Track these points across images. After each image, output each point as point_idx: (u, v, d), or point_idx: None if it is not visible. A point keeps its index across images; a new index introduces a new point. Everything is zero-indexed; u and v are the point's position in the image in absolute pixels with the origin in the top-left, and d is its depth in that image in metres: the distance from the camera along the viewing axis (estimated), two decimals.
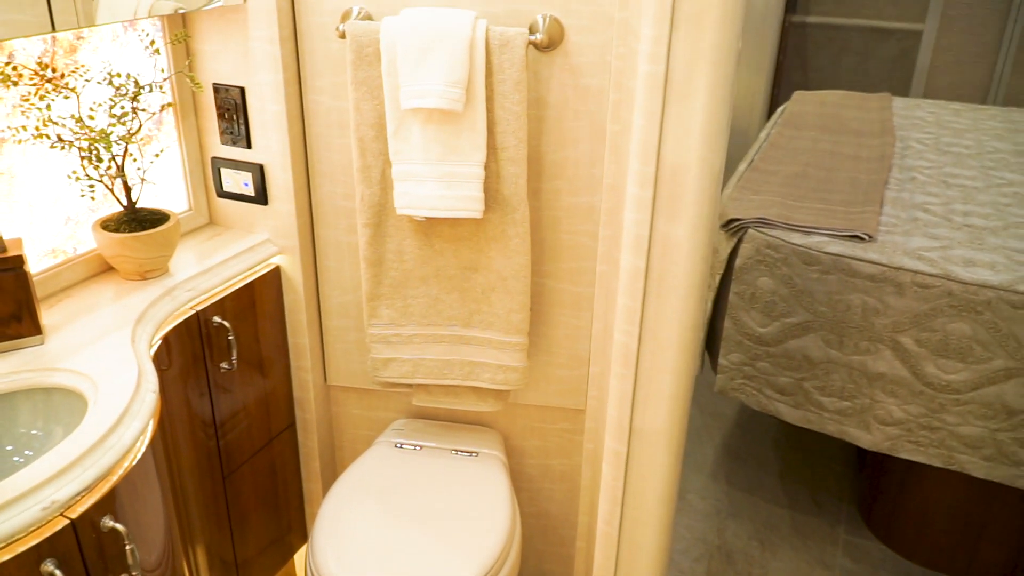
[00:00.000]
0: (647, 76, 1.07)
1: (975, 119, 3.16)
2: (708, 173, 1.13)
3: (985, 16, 3.84)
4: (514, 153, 1.47)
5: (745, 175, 2.39)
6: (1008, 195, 2.31)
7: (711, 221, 1.16)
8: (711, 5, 1.02)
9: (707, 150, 1.10)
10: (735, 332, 2.05)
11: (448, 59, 1.39)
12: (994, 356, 1.77)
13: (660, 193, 1.14)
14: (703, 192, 1.12)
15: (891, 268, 1.84)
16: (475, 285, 1.62)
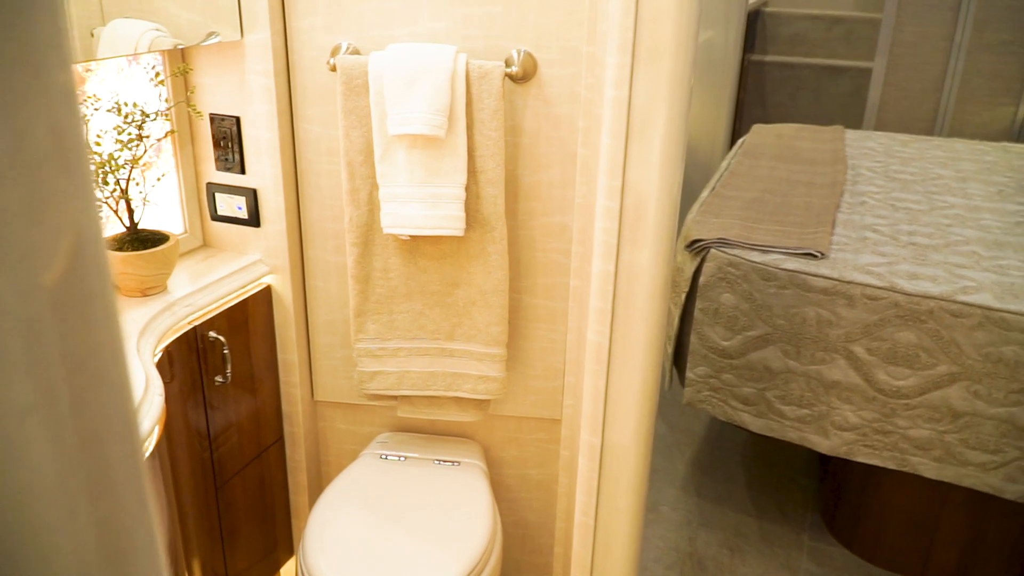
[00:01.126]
0: (613, 100, 1.20)
1: (921, 149, 3.36)
2: (670, 184, 1.26)
3: (929, 55, 4.09)
4: (492, 176, 1.60)
5: (707, 200, 2.54)
6: (950, 216, 2.48)
7: (672, 221, 1.28)
8: (667, 41, 1.16)
9: (668, 164, 1.23)
10: (700, 346, 2.17)
11: (432, 90, 1.52)
12: (938, 362, 1.91)
13: (626, 205, 1.27)
14: (664, 199, 1.25)
15: (842, 282, 1.99)
16: (457, 300, 1.72)
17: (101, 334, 0.28)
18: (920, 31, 4.07)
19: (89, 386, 0.28)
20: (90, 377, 0.28)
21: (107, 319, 0.28)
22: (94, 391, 0.28)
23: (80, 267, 0.27)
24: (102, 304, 0.28)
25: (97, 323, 0.28)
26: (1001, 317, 1.86)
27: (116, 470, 0.30)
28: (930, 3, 4.01)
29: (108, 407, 0.29)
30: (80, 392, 0.27)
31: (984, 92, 4.06)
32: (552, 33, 1.54)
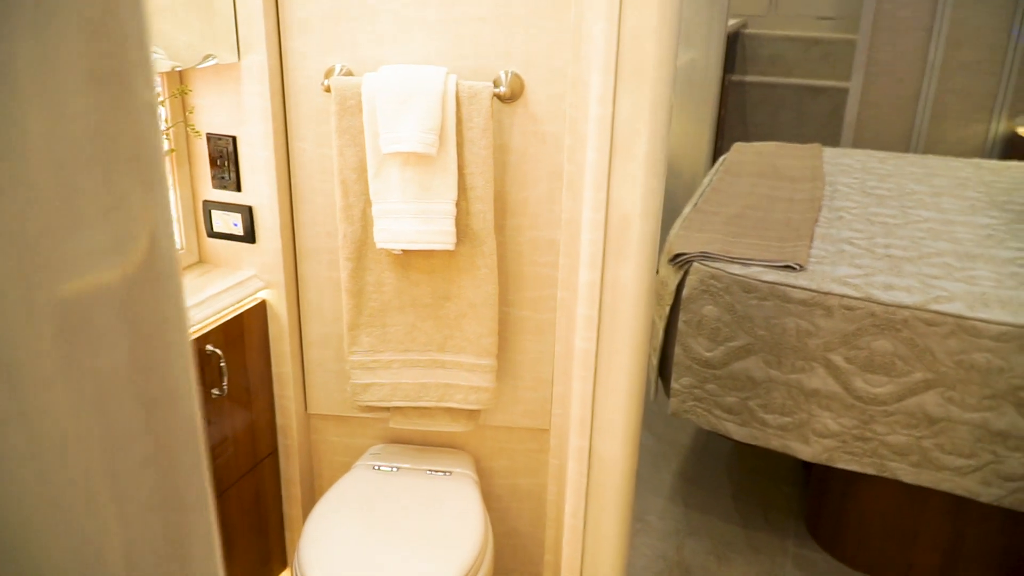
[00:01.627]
0: (597, 118, 1.26)
1: (897, 165, 3.45)
2: (652, 198, 1.32)
3: (903, 74, 4.20)
4: (482, 192, 1.65)
5: (690, 216, 2.61)
6: (923, 230, 2.56)
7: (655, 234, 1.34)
8: (648, 62, 1.23)
9: (651, 179, 1.29)
10: (685, 357, 2.23)
11: (423, 109, 1.57)
12: (914, 369, 1.98)
13: (611, 219, 1.33)
14: (647, 213, 1.31)
15: (820, 293, 2.05)
16: (448, 312, 1.77)
17: (171, 308, 0.33)
18: (894, 52, 4.19)
19: (160, 354, 0.33)
20: (161, 346, 0.33)
21: (176, 295, 0.34)
22: (164, 359, 0.33)
23: (156, 255, 0.32)
24: (173, 284, 0.33)
25: (169, 298, 0.33)
26: (972, 325, 1.93)
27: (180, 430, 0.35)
28: (904, 24, 4.13)
29: (176, 371, 0.34)
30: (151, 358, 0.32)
31: (957, 110, 4.17)
32: (538, 55, 1.61)
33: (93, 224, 0.29)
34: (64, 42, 0.27)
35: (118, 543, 0.32)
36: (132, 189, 0.31)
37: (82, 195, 0.28)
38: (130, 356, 0.31)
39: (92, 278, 0.29)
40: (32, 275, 0.27)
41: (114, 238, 0.30)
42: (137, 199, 0.32)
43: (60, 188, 0.28)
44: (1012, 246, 2.44)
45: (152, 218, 0.32)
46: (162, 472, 0.34)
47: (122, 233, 0.31)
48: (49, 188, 0.27)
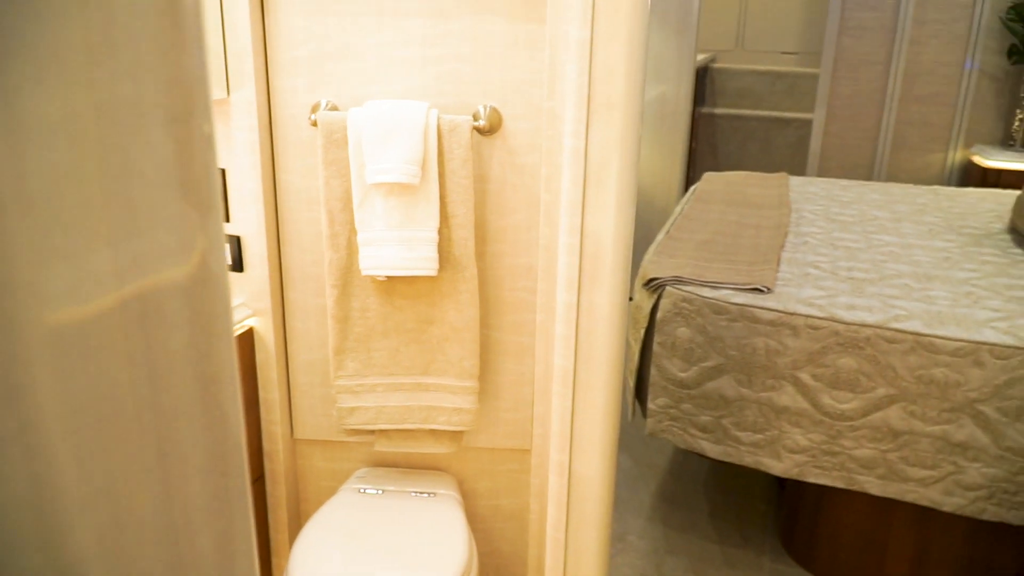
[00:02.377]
0: (571, 150, 1.35)
1: (860, 193, 3.59)
2: (623, 225, 1.40)
3: (864, 107, 4.37)
4: (463, 220, 1.73)
5: (663, 242, 2.71)
6: (884, 253, 2.68)
7: (626, 259, 1.43)
8: (618, 96, 1.32)
9: (622, 207, 1.38)
10: (660, 378, 2.31)
11: (406, 142, 1.66)
12: (877, 385, 2.07)
13: (586, 245, 1.41)
14: (619, 239, 1.39)
15: (787, 314, 2.15)
16: (431, 336, 1.84)
17: (221, 305, 0.41)
18: (855, 85, 4.36)
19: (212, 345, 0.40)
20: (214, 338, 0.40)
21: (225, 294, 0.41)
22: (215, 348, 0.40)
23: (211, 258, 0.40)
24: (223, 284, 0.41)
25: (219, 296, 0.40)
26: (930, 342, 2.03)
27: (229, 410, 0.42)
28: (863, 60, 4.31)
29: (224, 356, 0.41)
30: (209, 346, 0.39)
31: (916, 140, 4.34)
32: (516, 90, 1.70)
33: (170, 228, 0.36)
34: (152, 89, 0.35)
35: (179, 499, 0.39)
36: (198, 201, 0.39)
37: (163, 206, 0.36)
38: (191, 340, 0.38)
39: (167, 273, 0.37)
40: (127, 268, 0.34)
41: (183, 241, 0.38)
42: (201, 209, 0.39)
43: (152, 201, 0.35)
44: (967, 267, 2.56)
45: (210, 225, 0.40)
46: (215, 442, 0.41)
47: (189, 237, 0.38)
48: (145, 200, 0.34)
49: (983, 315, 2.15)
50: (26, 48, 0.30)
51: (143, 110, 0.34)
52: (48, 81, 0.31)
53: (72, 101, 0.31)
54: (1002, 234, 2.99)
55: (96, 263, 0.34)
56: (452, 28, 1.70)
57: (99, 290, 0.34)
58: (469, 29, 1.69)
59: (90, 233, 0.34)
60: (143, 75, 0.34)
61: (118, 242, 0.34)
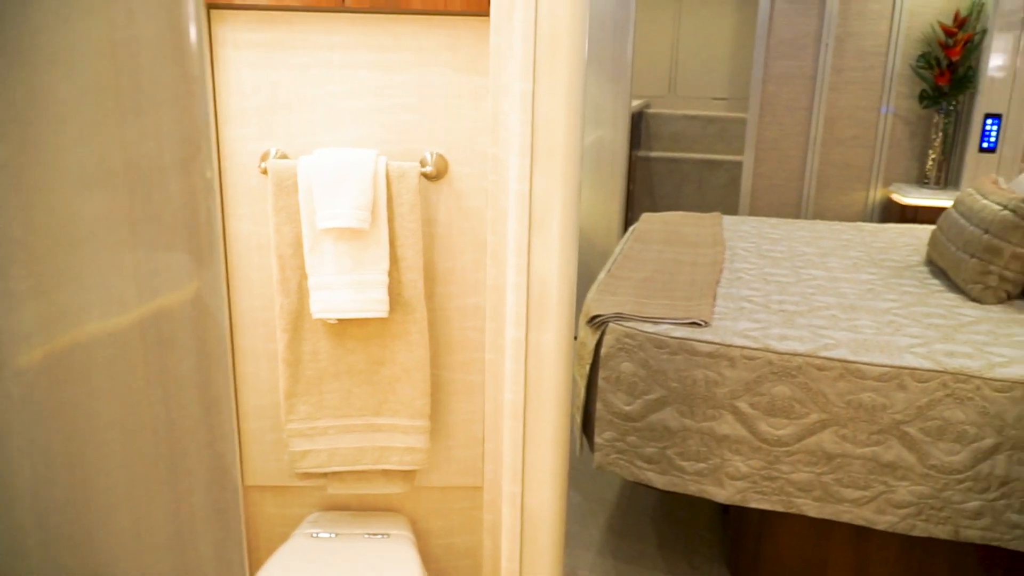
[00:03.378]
0: (517, 193, 1.43)
1: (788, 230, 3.77)
2: (567, 265, 1.48)
3: (790, 149, 4.60)
4: (412, 263, 1.79)
5: (604, 281, 2.81)
6: (813, 287, 2.82)
7: (571, 298, 1.50)
8: (558, 143, 1.41)
9: (565, 248, 1.46)
10: (606, 412, 2.38)
11: (356, 188, 1.72)
12: (810, 411, 2.18)
13: (532, 285, 1.48)
14: (563, 279, 1.47)
15: (724, 346, 2.25)
16: (383, 378, 1.88)
17: (220, 332, 0.46)
18: (781, 129, 4.59)
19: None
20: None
21: (224, 321, 0.47)
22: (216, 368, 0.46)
23: (211, 288, 0.45)
24: (221, 326, 0.46)
25: (219, 322, 0.46)
26: (857, 368, 2.15)
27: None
28: (787, 105, 4.55)
29: (223, 382, 0.46)
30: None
31: (839, 180, 4.58)
32: (461, 137, 1.78)
33: (181, 252, 0.42)
34: (169, 143, 0.41)
35: (186, 509, 0.44)
36: (205, 240, 0.45)
37: (175, 244, 0.42)
38: (198, 365, 0.44)
39: (179, 302, 0.42)
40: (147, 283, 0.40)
41: (190, 275, 0.43)
42: (207, 247, 0.45)
43: (168, 231, 0.41)
44: (889, 298, 2.72)
45: (214, 261, 0.46)
46: (216, 457, 0.46)
47: (196, 272, 0.44)
48: (164, 232, 0.40)
49: (904, 342, 2.29)
50: (70, 111, 0.36)
51: (163, 163, 0.39)
52: (87, 140, 0.36)
53: (107, 157, 0.36)
54: (920, 266, 3.17)
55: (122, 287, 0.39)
56: (399, 80, 1.78)
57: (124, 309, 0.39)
58: (416, 81, 1.77)
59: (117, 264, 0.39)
60: (163, 133, 0.40)
61: (140, 273, 0.39)
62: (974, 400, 2.09)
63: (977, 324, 2.48)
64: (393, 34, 1.76)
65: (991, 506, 2.11)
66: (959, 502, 2.12)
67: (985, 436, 2.09)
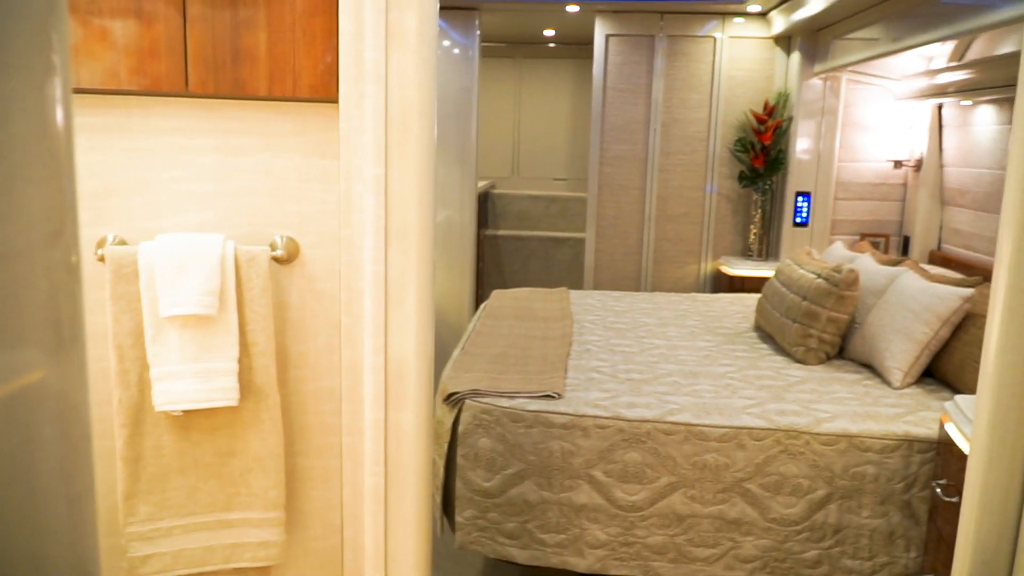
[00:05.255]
0: (372, 274, 1.44)
1: (631, 302, 3.97)
2: (424, 344, 1.50)
3: (627, 225, 4.89)
4: (264, 348, 1.74)
5: (459, 359, 2.84)
6: (656, 355, 2.98)
7: (429, 377, 1.52)
8: (411, 225, 1.44)
9: (422, 327, 1.48)
10: (466, 490, 2.38)
11: (202, 273, 1.67)
12: (660, 475, 2.27)
13: (390, 364, 1.49)
14: (421, 358, 1.48)
15: (577, 416, 2.32)
16: (233, 470, 1.79)
17: (84, 422, 0.45)
18: (618, 207, 4.88)
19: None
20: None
21: (86, 406, 0.46)
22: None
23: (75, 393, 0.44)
24: (85, 419, 0.45)
25: (81, 411, 0.45)
26: (700, 430, 2.28)
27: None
28: (622, 185, 4.85)
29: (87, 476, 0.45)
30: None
31: (673, 254, 4.90)
32: (311, 220, 1.78)
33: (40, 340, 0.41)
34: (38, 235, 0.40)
35: None
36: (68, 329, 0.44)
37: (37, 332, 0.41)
38: (60, 459, 0.42)
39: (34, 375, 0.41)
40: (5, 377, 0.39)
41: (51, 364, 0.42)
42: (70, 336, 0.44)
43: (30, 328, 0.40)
44: (724, 363, 2.91)
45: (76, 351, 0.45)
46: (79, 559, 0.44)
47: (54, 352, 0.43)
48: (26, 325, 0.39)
49: (740, 403, 2.45)
50: None
51: (34, 259, 0.39)
52: None
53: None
54: (750, 332, 3.43)
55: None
56: (247, 163, 1.76)
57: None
58: (263, 164, 1.76)
59: None
60: (33, 226, 0.39)
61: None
62: (805, 454, 2.26)
63: (803, 383, 2.69)
64: (238, 118, 1.75)
65: (827, 554, 2.26)
66: (799, 552, 2.26)
67: (817, 488, 2.26)
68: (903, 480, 2.25)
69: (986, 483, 1.33)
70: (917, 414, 2.41)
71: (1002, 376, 1.29)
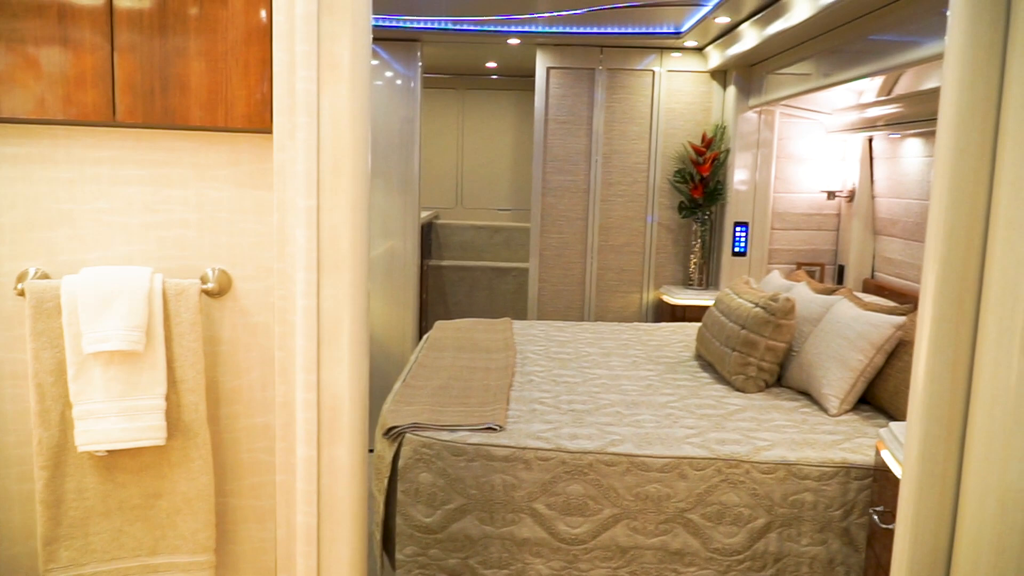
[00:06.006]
0: (304, 308, 1.41)
1: (574, 332, 3.98)
2: (358, 379, 1.47)
3: (570, 255, 4.92)
4: (193, 384, 1.69)
5: (400, 391, 2.79)
6: (599, 386, 2.98)
7: (363, 412, 1.48)
8: (344, 257, 1.42)
9: (356, 361, 1.45)
10: (406, 526, 2.33)
11: (128, 308, 1.61)
12: (603, 507, 2.26)
13: (323, 400, 1.45)
14: (355, 393, 1.45)
15: (518, 448, 2.30)
16: (160, 512, 1.72)
17: None
18: (561, 237, 4.91)
19: None
20: None
21: None
22: None
23: None
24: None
25: None
26: (642, 461, 2.27)
27: None
28: (564, 216, 4.89)
29: None
30: None
31: (615, 283, 4.94)
32: (245, 253, 1.73)
33: None
34: None
35: None
36: None
37: None
38: None
39: None
40: None
41: None
42: None
43: None
44: (666, 392, 2.93)
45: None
46: None
47: None
48: None
49: (682, 433, 2.46)
50: None
51: None
52: None
53: None
54: (691, 361, 3.46)
55: None
56: (177, 194, 1.72)
57: None
58: (195, 196, 1.72)
59: None
60: None
61: None
62: (745, 483, 2.28)
63: (742, 412, 2.72)
64: (169, 149, 1.71)
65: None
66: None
67: (758, 516, 2.27)
68: (841, 507, 2.28)
69: (918, 511, 1.35)
70: (854, 441, 2.45)
71: (930, 406, 1.32)
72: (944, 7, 2.54)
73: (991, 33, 1.21)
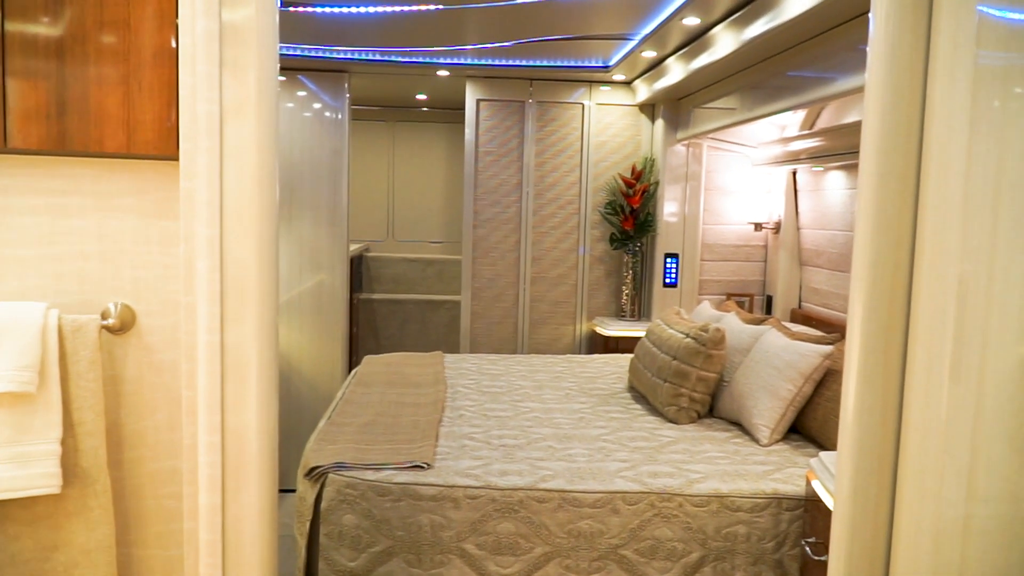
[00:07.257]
0: (207, 344, 1.32)
1: (507, 365, 3.92)
2: (266, 420, 1.38)
3: (503, 287, 4.88)
4: (92, 427, 1.57)
5: (324, 429, 2.68)
6: (531, 419, 2.93)
7: (272, 457, 1.39)
8: (251, 292, 1.34)
9: (263, 402, 1.36)
10: (330, 571, 2.21)
11: (18, 346, 1.49)
12: (535, 545, 2.19)
13: (228, 442, 1.36)
14: (263, 435, 1.36)
15: (447, 487, 2.22)
16: (56, 566, 1.59)
17: None
18: (493, 270, 4.86)
19: None
20: None
21: None
22: None
23: None
24: None
25: None
26: (574, 497, 2.22)
27: None
28: (496, 248, 4.86)
29: None
30: None
31: (549, 315, 4.91)
32: (150, 286, 1.63)
33: None
34: None
35: None
36: None
37: None
38: None
39: None
40: None
41: None
42: None
43: None
44: (598, 425, 2.89)
45: None
46: None
47: None
48: None
49: (614, 466, 2.42)
50: None
51: None
52: None
53: None
54: (623, 393, 3.44)
55: None
56: (75, 225, 1.61)
57: None
58: (95, 227, 1.62)
59: None
60: None
61: None
62: (678, 517, 2.24)
63: (675, 444, 2.70)
64: (68, 176, 1.61)
65: None
66: None
67: (692, 551, 2.24)
68: (774, 539, 2.26)
69: (851, 546, 1.33)
70: (785, 471, 2.44)
71: (861, 438, 1.29)
72: (860, 43, 2.61)
73: (911, 61, 1.22)
